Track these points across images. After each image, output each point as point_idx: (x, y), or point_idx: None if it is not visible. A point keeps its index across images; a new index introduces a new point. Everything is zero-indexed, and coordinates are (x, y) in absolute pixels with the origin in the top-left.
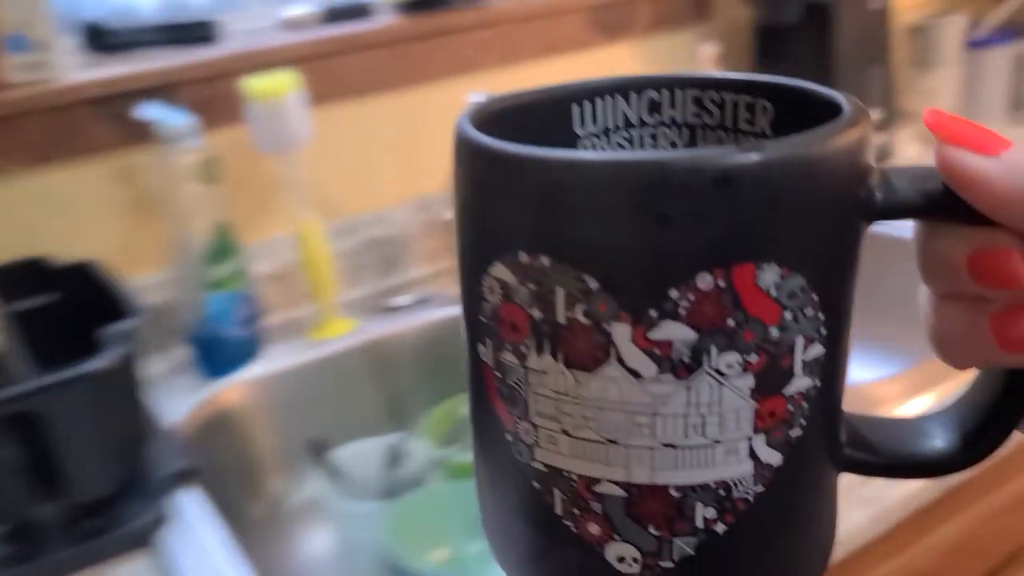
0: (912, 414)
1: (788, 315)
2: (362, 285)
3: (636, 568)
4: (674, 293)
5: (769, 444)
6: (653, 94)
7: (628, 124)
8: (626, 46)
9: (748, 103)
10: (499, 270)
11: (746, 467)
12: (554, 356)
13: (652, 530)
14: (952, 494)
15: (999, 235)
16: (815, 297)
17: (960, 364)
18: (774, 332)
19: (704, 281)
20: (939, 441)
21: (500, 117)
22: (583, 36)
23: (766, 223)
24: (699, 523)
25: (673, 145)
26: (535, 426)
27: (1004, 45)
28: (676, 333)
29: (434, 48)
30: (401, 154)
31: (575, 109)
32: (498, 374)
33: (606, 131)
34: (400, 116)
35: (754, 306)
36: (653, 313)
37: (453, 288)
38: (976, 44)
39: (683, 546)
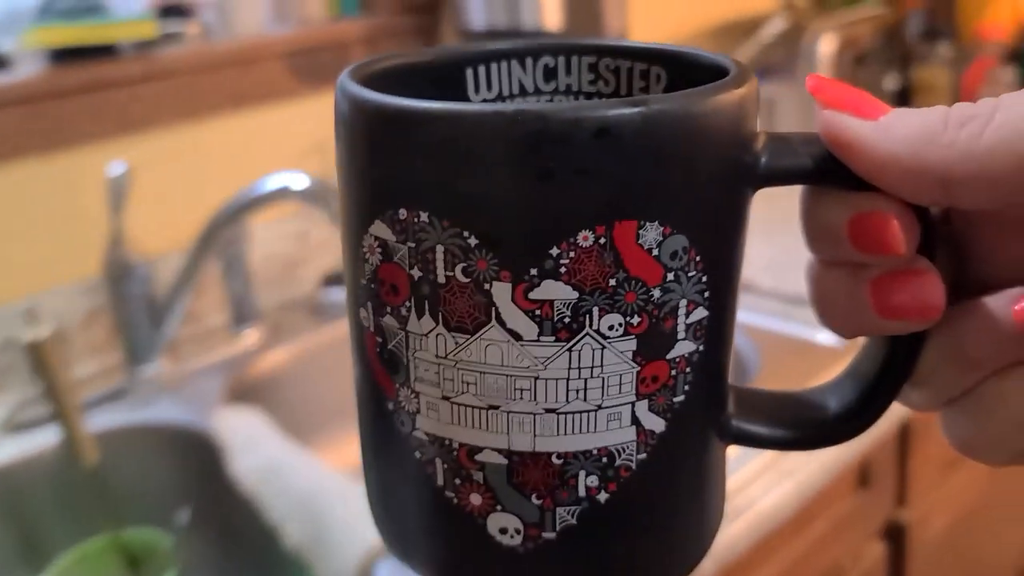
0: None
1: (670, 276)
2: (4, 394)
3: (518, 539)
4: (555, 251)
5: (652, 410)
6: (548, 60)
7: (524, 91)
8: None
9: (643, 70)
10: (379, 228)
11: (629, 434)
12: (434, 318)
13: (534, 499)
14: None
15: (879, 200)
16: (698, 259)
17: (844, 332)
18: (656, 293)
19: (585, 238)
20: (824, 412)
21: (386, 75)
22: (284, 85)
23: (648, 179)
24: (582, 492)
25: None
26: (416, 393)
27: None
28: (557, 293)
29: (91, 104)
30: (52, 230)
31: (469, 73)
32: (379, 339)
33: (501, 98)
34: (49, 185)
35: (636, 265)
36: (534, 272)
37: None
38: None
39: (565, 515)
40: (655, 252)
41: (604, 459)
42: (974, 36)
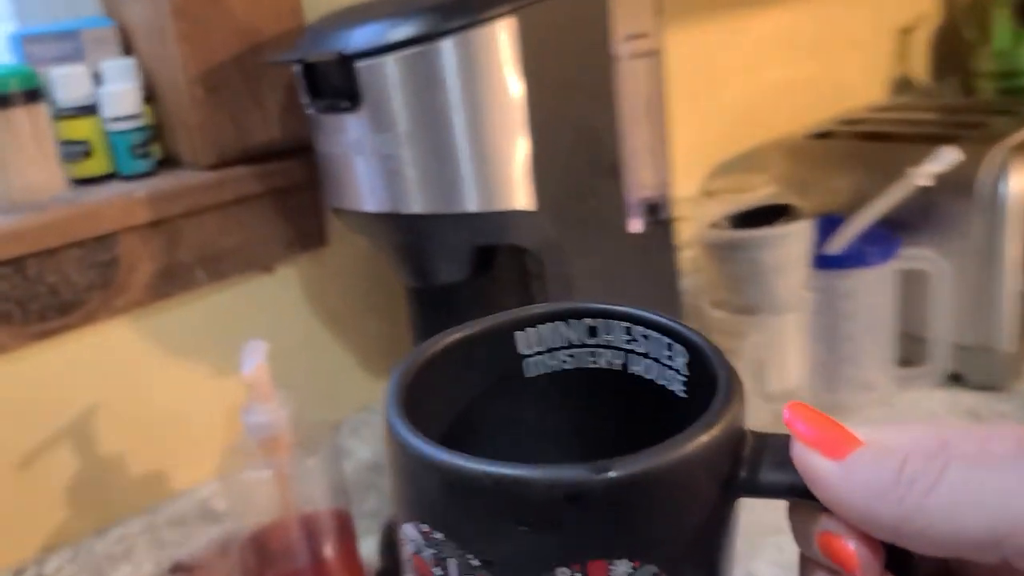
0: None
1: None
2: None
3: None
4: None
5: None
6: (590, 321)
7: (571, 344)
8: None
9: (668, 343)
10: (410, 530)
11: None
12: None
13: None
14: None
15: (842, 525)
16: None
17: None
18: None
19: (563, 572)
20: None
21: (446, 352)
22: None
23: (615, 530)
24: None
25: (610, 365)
26: None
27: (881, 261)
28: None
29: None
30: None
31: (519, 335)
32: None
33: (550, 350)
34: None
35: None
36: None
37: None
38: (834, 263)
39: None
40: None
41: None
42: None
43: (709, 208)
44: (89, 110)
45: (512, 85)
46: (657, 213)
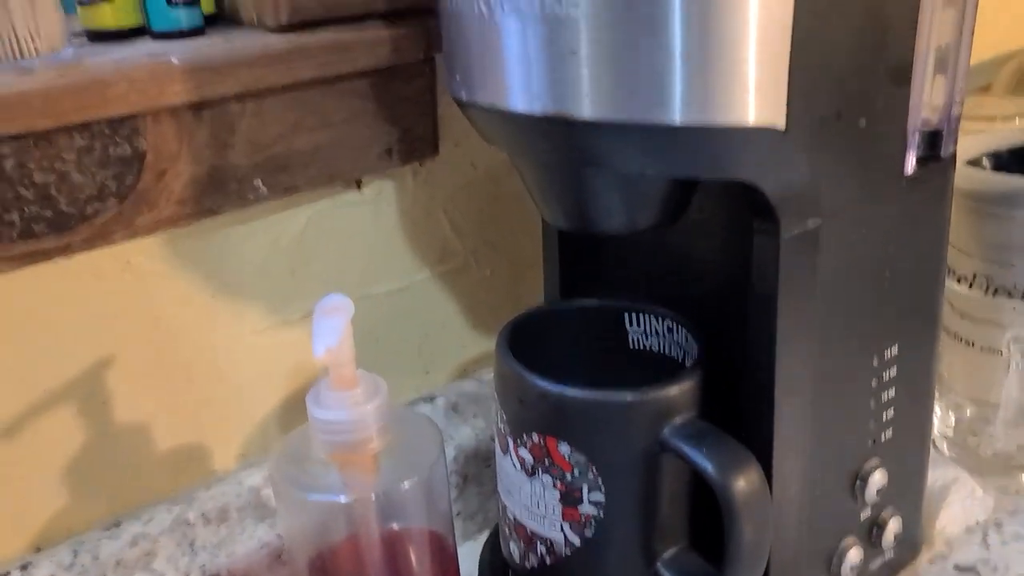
0: None
1: (576, 470)
2: None
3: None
4: (531, 435)
5: (572, 530)
6: None
7: None
8: None
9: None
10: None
11: (559, 537)
12: None
13: (522, 544)
14: None
15: None
16: (595, 468)
17: None
18: (568, 476)
19: (536, 437)
20: None
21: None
22: None
23: (573, 422)
24: (540, 551)
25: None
26: None
27: None
28: (526, 455)
29: None
30: None
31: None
32: None
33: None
34: None
35: (557, 458)
36: (520, 442)
37: None
38: None
39: (534, 561)
40: (567, 457)
41: (549, 543)
42: None
43: (963, 138)
44: None
45: None
46: (938, 146)
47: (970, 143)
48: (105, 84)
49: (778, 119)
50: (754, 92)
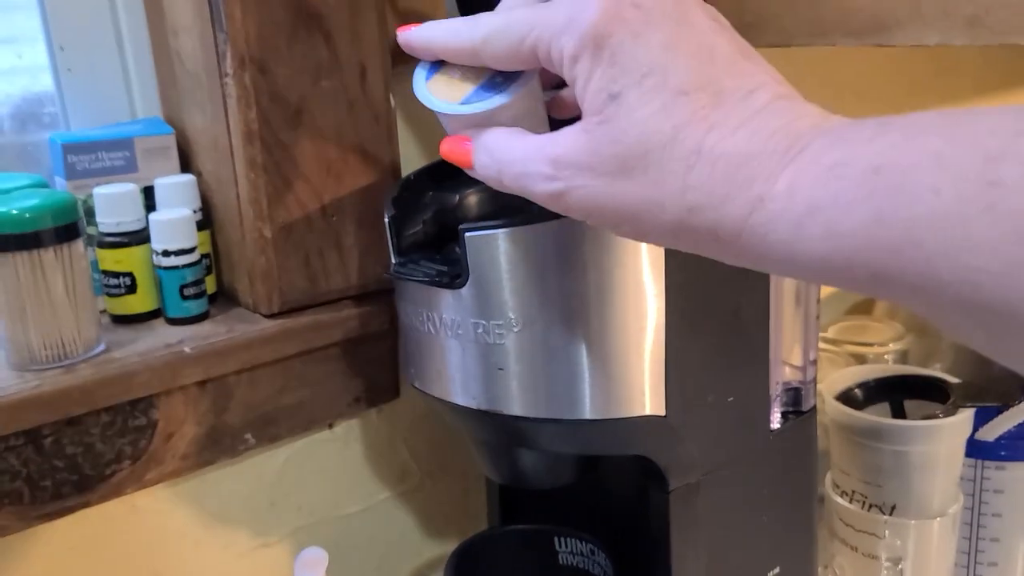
0: None
1: None
2: None
3: None
4: None
5: None
6: None
7: None
8: None
9: None
10: None
11: None
12: None
13: None
14: None
15: None
16: None
17: None
18: None
19: None
20: None
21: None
22: None
23: None
24: None
25: None
26: None
27: None
28: None
29: None
30: None
31: None
32: None
33: None
34: None
35: None
36: None
37: None
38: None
39: None
40: None
41: None
42: None
43: (834, 372)
44: (137, 237)
45: (647, 269)
46: (800, 402)
47: (842, 376)
48: (131, 375)
49: (659, 407)
50: (643, 389)
